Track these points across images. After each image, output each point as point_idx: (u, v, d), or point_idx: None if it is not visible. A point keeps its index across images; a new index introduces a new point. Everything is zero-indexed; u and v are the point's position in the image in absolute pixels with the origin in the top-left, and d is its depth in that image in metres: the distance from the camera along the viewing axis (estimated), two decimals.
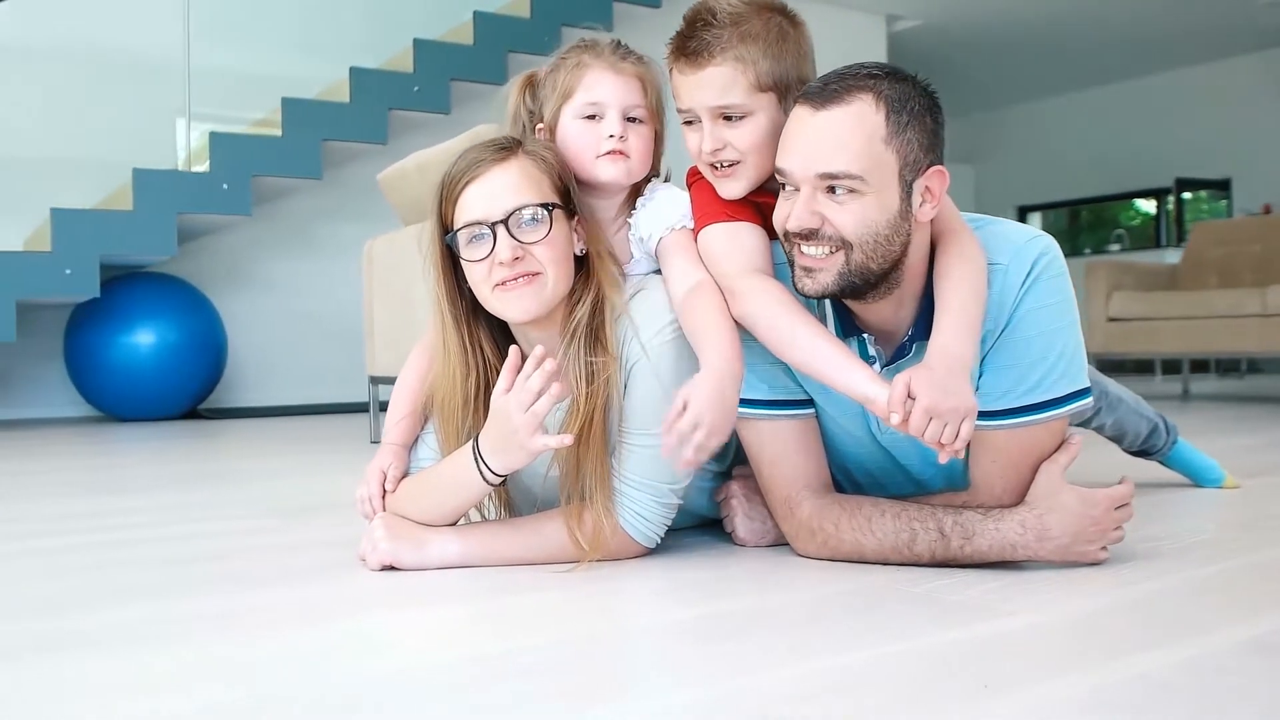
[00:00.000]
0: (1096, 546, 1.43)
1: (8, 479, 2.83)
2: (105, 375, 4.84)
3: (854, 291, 1.39)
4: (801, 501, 1.52)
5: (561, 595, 1.37)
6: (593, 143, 1.53)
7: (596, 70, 1.53)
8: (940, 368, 1.30)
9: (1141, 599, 1.30)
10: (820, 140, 1.35)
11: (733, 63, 1.45)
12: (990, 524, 1.42)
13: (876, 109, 1.34)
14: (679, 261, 1.50)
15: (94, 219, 4.63)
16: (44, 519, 2.12)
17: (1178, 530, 1.74)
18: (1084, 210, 10.76)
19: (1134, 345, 5.33)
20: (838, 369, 1.35)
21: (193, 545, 1.80)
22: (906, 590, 1.34)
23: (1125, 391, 2.05)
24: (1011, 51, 8.80)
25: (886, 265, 1.37)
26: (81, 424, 4.85)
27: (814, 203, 1.36)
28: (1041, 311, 1.42)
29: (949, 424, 1.27)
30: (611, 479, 1.50)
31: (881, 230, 1.35)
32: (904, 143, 1.34)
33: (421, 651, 1.16)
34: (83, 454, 3.54)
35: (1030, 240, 1.44)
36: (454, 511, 1.53)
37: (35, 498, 2.45)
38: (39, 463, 3.25)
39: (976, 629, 1.17)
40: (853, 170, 1.33)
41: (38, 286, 4.47)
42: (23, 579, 1.54)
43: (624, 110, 1.54)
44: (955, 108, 10.66)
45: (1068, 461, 1.45)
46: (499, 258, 1.44)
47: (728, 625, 1.22)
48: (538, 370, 1.38)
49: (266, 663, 1.10)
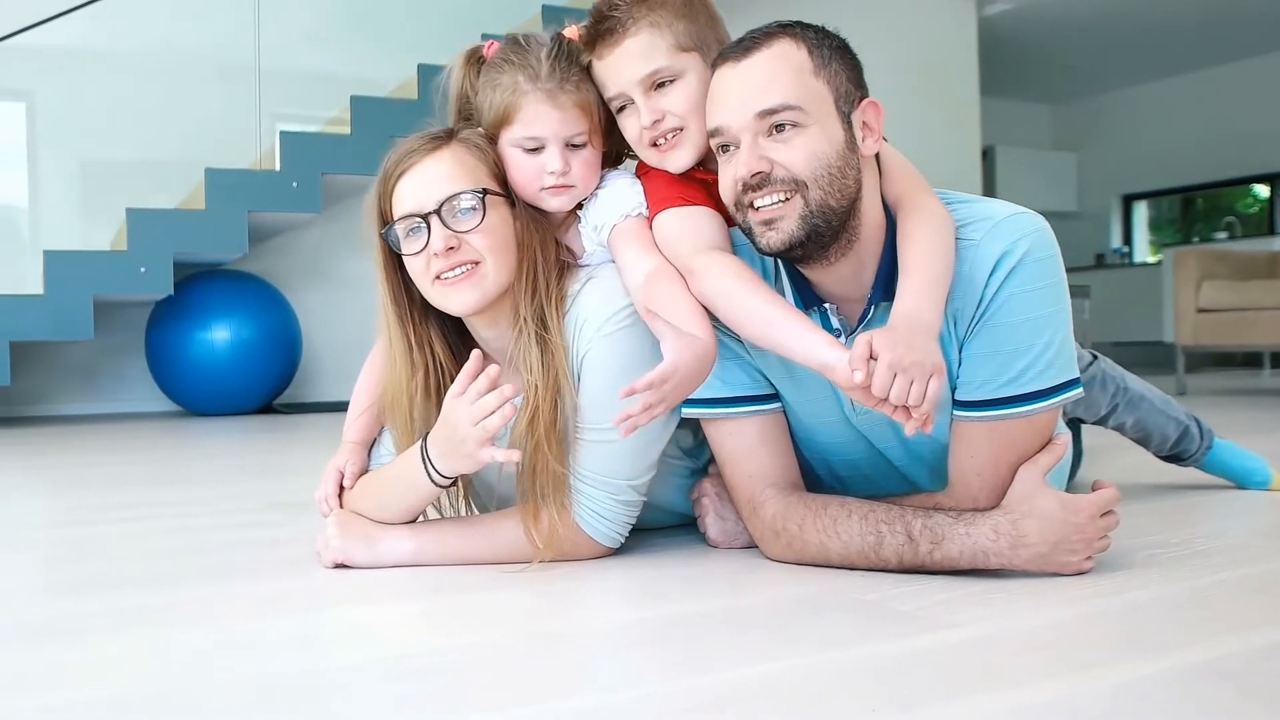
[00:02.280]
0: (1080, 557, 1.32)
1: (68, 470, 2.91)
2: (183, 371, 4.97)
3: (819, 240, 1.31)
4: (766, 501, 1.44)
5: (511, 595, 1.33)
6: (535, 175, 1.46)
7: (533, 104, 1.44)
8: (903, 327, 1.22)
9: (1108, 613, 1.19)
10: (749, 83, 1.31)
11: (648, 30, 1.42)
12: (961, 528, 1.32)
13: (798, 47, 1.32)
14: (632, 249, 1.43)
15: (168, 218, 4.76)
16: (71, 509, 2.16)
17: (1192, 536, 1.61)
18: (1199, 198, 10.25)
19: (1224, 337, 5.04)
20: (795, 336, 1.28)
21: (182, 539, 1.81)
22: (858, 598, 1.26)
23: (1150, 389, 1.91)
24: (1111, 34, 8.42)
25: (845, 203, 1.30)
26: (161, 419, 4.99)
27: (758, 148, 1.30)
28: (1026, 296, 1.31)
29: (915, 381, 1.18)
30: (568, 476, 1.45)
31: (833, 161, 1.29)
32: (831, 74, 1.32)
33: (355, 647, 1.14)
34: (143, 448, 3.63)
35: (1010, 217, 1.33)
36: (407, 510, 1.49)
37: (82, 487, 2.51)
38: (107, 455, 3.34)
39: (910, 642, 1.09)
40: (790, 101, 1.29)
41: (114, 285, 4.61)
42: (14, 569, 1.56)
43: (565, 140, 1.46)
44: (1052, 94, 10.29)
45: (1051, 463, 1.35)
46: (433, 248, 1.40)
47: (664, 630, 1.17)
48: (494, 391, 1.33)
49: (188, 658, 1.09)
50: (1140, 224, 10.38)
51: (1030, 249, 1.31)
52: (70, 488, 2.58)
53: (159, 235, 4.67)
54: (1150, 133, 9.88)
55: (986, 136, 9.23)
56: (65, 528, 1.96)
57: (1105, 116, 10.26)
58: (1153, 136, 9.85)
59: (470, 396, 1.34)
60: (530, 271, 1.44)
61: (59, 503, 2.34)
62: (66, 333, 4.53)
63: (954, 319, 1.34)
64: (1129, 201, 10.30)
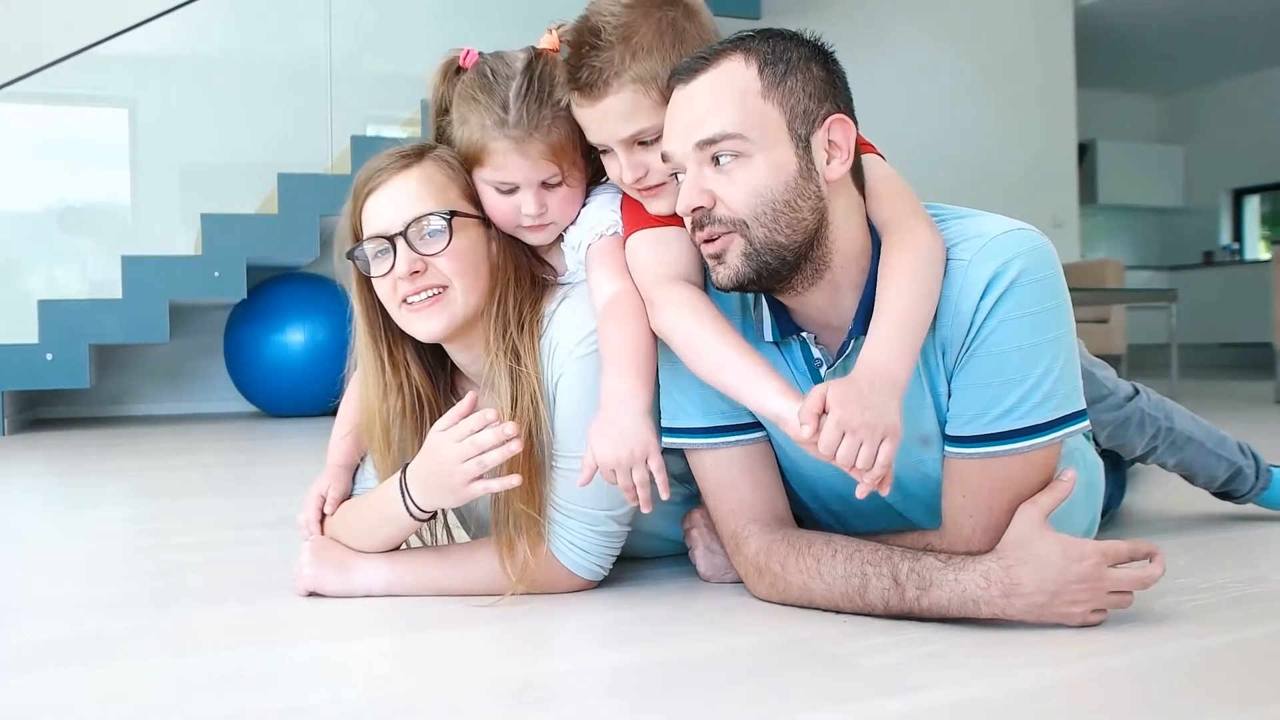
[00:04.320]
0: (1085, 608, 1.20)
1: (119, 475, 2.97)
2: (259, 372, 5.06)
3: (773, 276, 1.21)
4: (749, 538, 1.36)
5: (484, 633, 1.27)
6: (510, 213, 1.39)
7: (501, 151, 1.35)
8: (864, 380, 1.12)
9: (1102, 678, 1.07)
10: (691, 110, 1.21)
11: (631, 86, 1.28)
12: (950, 574, 1.21)
13: (747, 65, 1.20)
14: (601, 271, 1.36)
15: (241, 223, 4.83)
16: (98, 520, 2.18)
17: (1226, 580, 1.46)
18: None
19: None
20: (747, 383, 1.19)
21: (182, 555, 1.79)
22: (826, 650, 1.16)
23: (1202, 427, 1.76)
24: (1216, 20, 8.00)
25: (799, 237, 1.20)
26: (238, 419, 5.08)
27: (701, 179, 1.20)
28: (1019, 322, 1.20)
29: (865, 444, 1.09)
30: (547, 506, 1.38)
31: (779, 195, 1.18)
32: (785, 93, 1.19)
33: (304, 687, 1.11)
34: (208, 449, 3.68)
35: (1004, 235, 1.22)
36: (385, 542, 1.44)
37: (121, 495, 2.54)
38: (167, 458, 3.40)
39: (868, 705, 1.00)
40: (729, 129, 1.18)
41: (189, 289, 4.70)
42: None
43: (540, 182, 1.38)
44: (1155, 86, 9.86)
45: (1053, 503, 1.23)
46: (398, 272, 1.34)
47: (628, 677, 1.12)
48: (487, 429, 1.27)
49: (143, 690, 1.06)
50: (1251, 219, 9.87)
51: (1024, 270, 1.19)
52: (108, 495, 2.62)
53: (232, 240, 4.75)
54: (1262, 123, 9.38)
55: (1086, 130, 8.91)
56: (68, 542, 1.97)
57: (1213, 107, 9.79)
58: (1265, 127, 9.36)
59: (460, 432, 1.29)
60: (502, 297, 1.38)
61: (88, 513, 2.36)
62: (143, 335, 4.64)
63: (942, 348, 1.24)
64: (1239, 196, 9.81)
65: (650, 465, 1.22)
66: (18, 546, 1.93)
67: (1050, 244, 1.25)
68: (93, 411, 5.36)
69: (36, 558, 1.82)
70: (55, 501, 2.59)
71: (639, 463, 1.22)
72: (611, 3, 1.31)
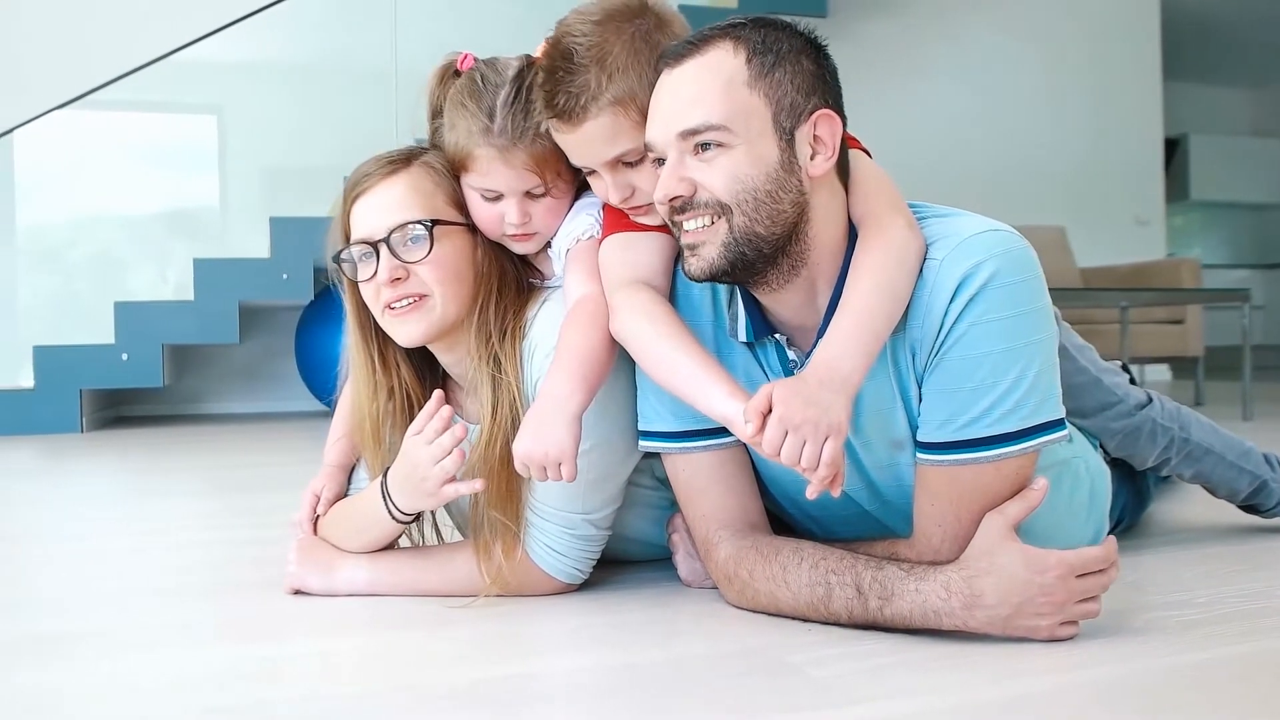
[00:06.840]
0: (1051, 621, 1.16)
1: (164, 474, 3.07)
2: (327, 373, 5.16)
3: (749, 267, 1.20)
4: (719, 543, 1.34)
5: (457, 634, 1.28)
6: (495, 221, 1.40)
7: (485, 159, 1.36)
8: (812, 378, 1.10)
9: (1054, 696, 1.04)
10: (675, 97, 1.20)
11: (610, 109, 1.26)
12: (911, 584, 1.19)
13: (735, 53, 1.18)
14: (574, 274, 1.36)
15: (308, 225, 4.94)
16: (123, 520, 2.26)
17: (1223, 595, 1.40)
18: None
19: None
20: (694, 386, 1.18)
21: (208, 552, 1.85)
22: (780, 659, 1.15)
23: (1223, 439, 1.68)
24: None
25: (778, 230, 1.18)
26: (308, 418, 5.21)
27: (681, 167, 1.19)
28: (990, 326, 1.16)
29: (809, 441, 1.07)
30: (522, 510, 1.39)
31: (760, 185, 1.17)
32: (773, 85, 1.17)
33: (265, 686, 1.12)
34: (272, 449, 3.78)
35: (978, 235, 1.18)
36: (372, 544, 1.46)
37: (164, 493, 2.63)
38: (230, 457, 3.51)
39: (800, 717, 0.98)
40: (713, 120, 1.17)
41: (258, 291, 4.84)
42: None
43: (524, 191, 1.38)
44: (1248, 78, 9.50)
45: (1021, 513, 1.19)
46: (380, 279, 1.36)
47: (571, 681, 1.13)
48: (447, 432, 1.30)
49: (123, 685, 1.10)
50: None
51: (997, 272, 1.16)
52: (176, 489, 2.71)
53: (300, 242, 4.86)
54: None
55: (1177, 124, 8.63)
56: (92, 539, 2.04)
57: None
58: None
59: (428, 435, 1.31)
60: (484, 305, 1.39)
61: (123, 511, 2.45)
62: (214, 336, 4.78)
63: (913, 350, 1.21)
64: None
65: (562, 471, 1.22)
66: (17, 546, 2.00)
67: (1029, 247, 1.22)
68: (169, 410, 5.54)
69: (46, 554, 1.89)
70: (111, 497, 2.69)
71: (552, 465, 1.22)
72: (580, 20, 1.30)
